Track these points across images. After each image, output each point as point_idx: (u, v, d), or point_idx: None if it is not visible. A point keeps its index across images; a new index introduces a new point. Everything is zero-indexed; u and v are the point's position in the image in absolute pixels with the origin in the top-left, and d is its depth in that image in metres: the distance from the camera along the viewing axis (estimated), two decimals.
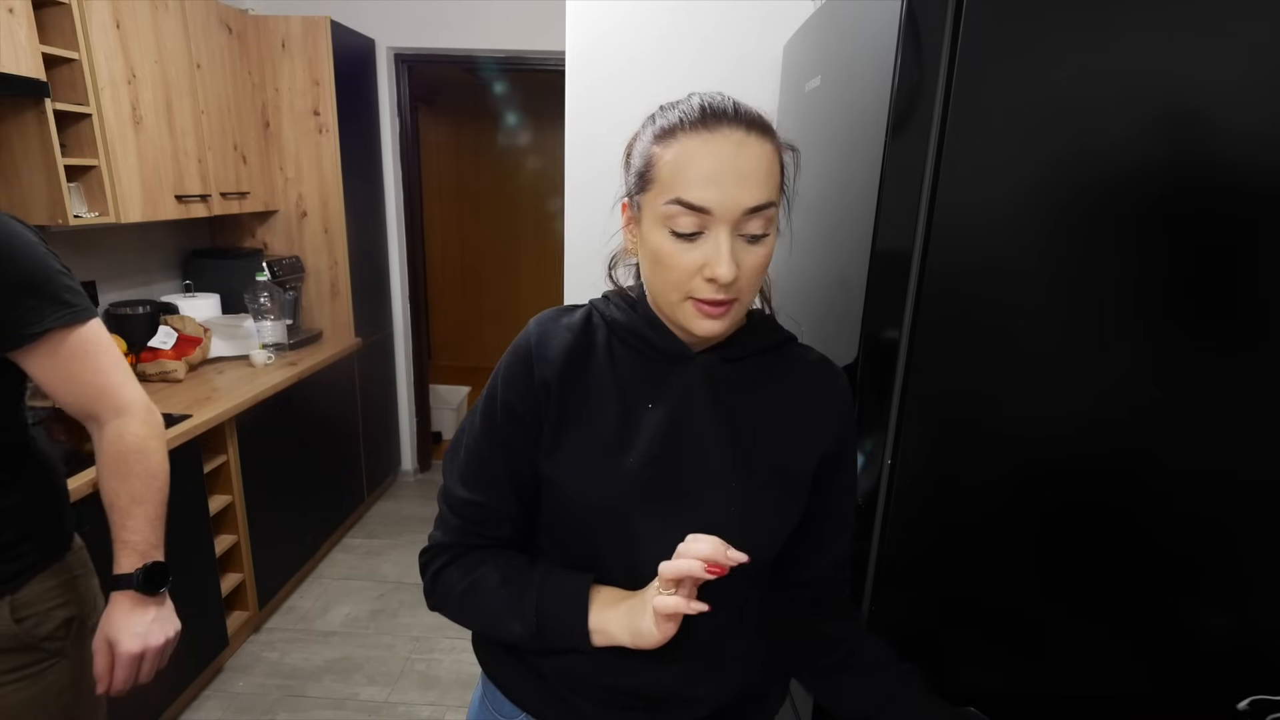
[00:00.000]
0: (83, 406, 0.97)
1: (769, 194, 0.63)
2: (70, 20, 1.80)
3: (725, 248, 0.62)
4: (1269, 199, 0.75)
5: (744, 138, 0.63)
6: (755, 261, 0.65)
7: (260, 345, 2.52)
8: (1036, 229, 0.77)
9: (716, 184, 0.62)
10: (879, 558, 0.88)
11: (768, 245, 0.66)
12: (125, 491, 0.97)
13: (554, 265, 4.91)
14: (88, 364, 0.95)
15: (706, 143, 0.63)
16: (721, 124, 0.63)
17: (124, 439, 0.97)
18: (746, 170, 0.62)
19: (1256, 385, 0.80)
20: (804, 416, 0.75)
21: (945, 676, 0.92)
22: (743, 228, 0.63)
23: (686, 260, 0.64)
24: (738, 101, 0.66)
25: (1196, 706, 0.91)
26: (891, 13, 0.77)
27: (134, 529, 0.97)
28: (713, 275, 0.63)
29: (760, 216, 0.63)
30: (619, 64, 1.69)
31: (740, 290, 0.65)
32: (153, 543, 0.98)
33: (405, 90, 3.17)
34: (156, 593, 0.98)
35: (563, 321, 0.75)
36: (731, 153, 0.62)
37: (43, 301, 0.90)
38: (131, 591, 0.96)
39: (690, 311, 0.66)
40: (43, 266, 0.91)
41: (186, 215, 2.28)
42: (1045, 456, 0.84)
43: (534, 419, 0.72)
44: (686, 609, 0.63)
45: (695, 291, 0.65)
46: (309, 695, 2.09)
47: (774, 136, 0.66)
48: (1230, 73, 0.73)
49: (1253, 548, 0.86)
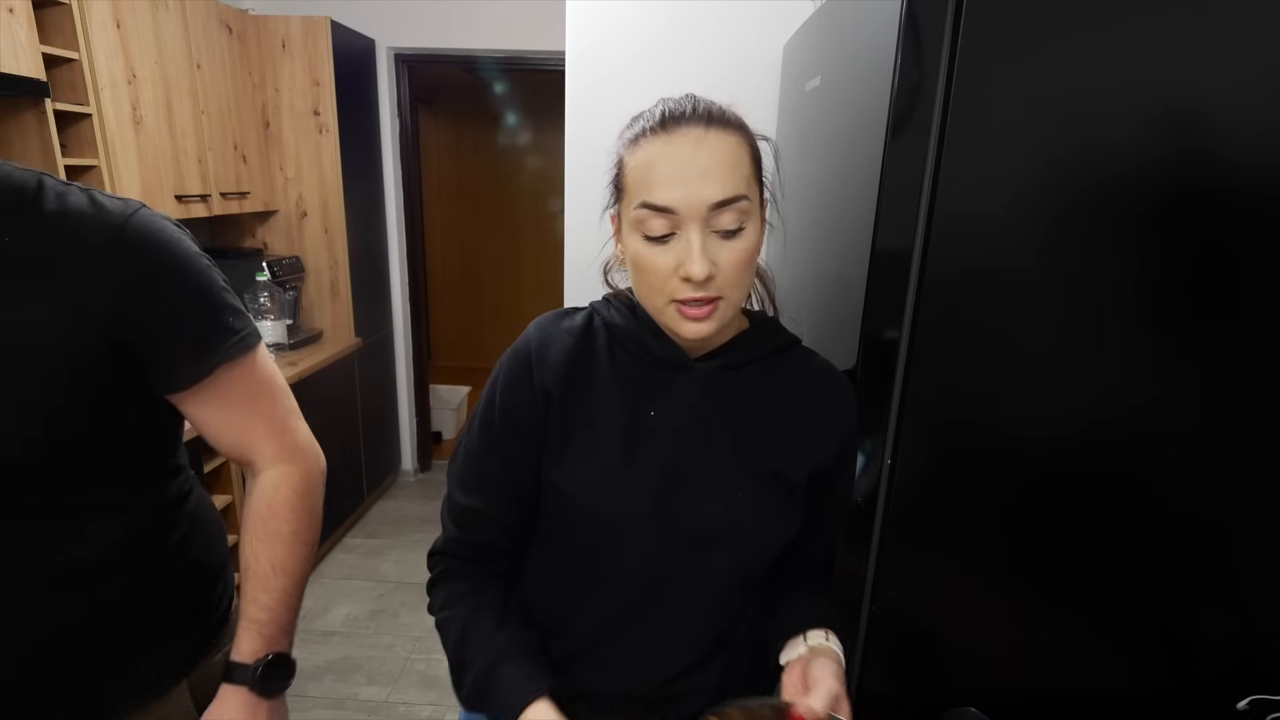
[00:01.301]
0: (243, 450, 0.80)
1: (735, 187, 0.62)
2: (70, 20, 1.80)
3: (696, 245, 0.61)
4: (1270, 199, 0.75)
5: (703, 134, 0.62)
6: (733, 257, 0.63)
7: None
8: (1036, 228, 0.77)
9: (678, 183, 0.61)
10: (879, 558, 0.88)
11: (747, 239, 0.64)
12: (267, 556, 0.80)
13: (554, 265, 4.91)
14: (256, 401, 0.79)
15: (666, 144, 0.63)
16: (680, 124, 0.63)
17: (280, 491, 0.80)
18: (707, 166, 0.62)
19: (1257, 385, 0.80)
20: (803, 427, 0.75)
21: (945, 676, 0.92)
22: (714, 224, 0.62)
23: (661, 263, 0.63)
24: (701, 100, 0.65)
25: (1196, 706, 0.91)
26: (891, 13, 0.77)
27: (266, 605, 0.79)
28: (686, 274, 0.62)
29: (730, 210, 0.62)
30: (619, 64, 1.69)
31: (724, 288, 0.64)
32: (284, 626, 0.81)
33: (405, 90, 3.17)
34: (273, 695, 0.80)
35: (563, 325, 0.74)
36: (690, 150, 0.62)
37: (209, 331, 0.74)
38: (245, 689, 0.77)
39: (674, 315, 0.66)
40: (209, 283, 0.75)
41: (186, 215, 2.28)
42: (1045, 456, 0.84)
43: (534, 427, 0.71)
44: None
45: (675, 293, 0.64)
46: (309, 695, 2.09)
47: (740, 130, 0.65)
48: (1232, 71, 0.72)
49: (1253, 548, 0.86)
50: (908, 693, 0.93)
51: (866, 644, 0.91)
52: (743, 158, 0.64)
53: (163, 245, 0.72)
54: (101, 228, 0.68)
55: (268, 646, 0.79)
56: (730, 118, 0.65)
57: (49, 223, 0.66)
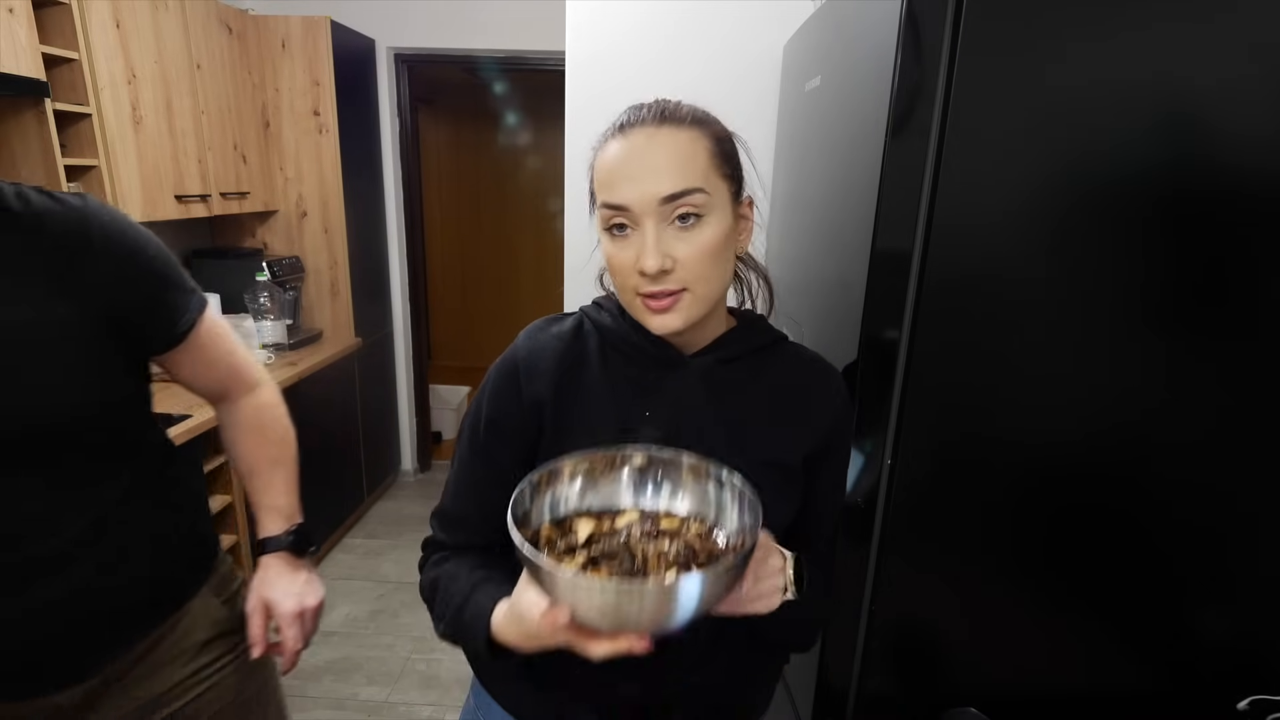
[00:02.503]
0: (218, 388, 0.96)
1: (687, 180, 0.63)
2: (70, 20, 1.80)
3: (649, 239, 0.63)
4: (1273, 201, 0.75)
5: (654, 131, 0.65)
6: (692, 250, 0.64)
7: (260, 345, 2.51)
8: (1035, 227, 0.77)
9: (629, 179, 0.64)
10: (879, 558, 0.88)
11: (706, 232, 0.65)
12: (265, 456, 0.98)
13: (554, 265, 4.91)
14: (221, 345, 0.93)
15: (621, 144, 0.66)
16: (634, 125, 0.66)
17: (261, 409, 0.98)
18: (657, 161, 0.64)
19: (1260, 392, 0.80)
20: (793, 411, 0.75)
21: (945, 676, 0.92)
22: (669, 217, 0.64)
23: (623, 259, 0.66)
24: (663, 101, 0.68)
25: (1196, 706, 0.91)
26: (891, 13, 0.77)
27: (277, 492, 0.98)
28: (640, 267, 0.64)
29: (683, 203, 0.63)
30: (619, 64, 1.69)
31: (686, 280, 0.65)
32: (295, 506, 1.00)
33: (405, 90, 3.17)
34: (305, 554, 0.99)
35: (552, 330, 0.75)
36: (642, 146, 0.64)
37: (180, 293, 0.85)
38: (283, 553, 0.96)
39: (641, 309, 0.67)
40: (167, 255, 0.85)
41: (186, 215, 2.28)
42: (1046, 457, 0.84)
43: (523, 436, 0.72)
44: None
45: (639, 287, 0.66)
46: (309, 695, 2.09)
47: (697, 125, 0.66)
48: (1235, 71, 0.72)
49: (1253, 550, 0.86)
50: (908, 693, 0.93)
51: (866, 644, 0.92)
52: (698, 152, 0.65)
53: (124, 228, 0.80)
54: (70, 220, 0.76)
55: (288, 522, 0.98)
56: (684, 114, 0.66)
57: (26, 225, 0.73)
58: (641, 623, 0.52)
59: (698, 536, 0.63)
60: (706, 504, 0.66)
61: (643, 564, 0.58)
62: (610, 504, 0.67)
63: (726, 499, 0.65)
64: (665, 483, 0.67)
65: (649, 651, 0.55)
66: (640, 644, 0.55)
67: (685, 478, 0.67)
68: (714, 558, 0.60)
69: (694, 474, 0.66)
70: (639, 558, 0.58)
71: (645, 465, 0.67)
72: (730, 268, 0.70)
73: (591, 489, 0.66)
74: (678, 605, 0.51)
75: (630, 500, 0.67)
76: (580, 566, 0.58)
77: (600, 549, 0.60)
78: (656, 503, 0.67)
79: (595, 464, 0.66)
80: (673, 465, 0.67)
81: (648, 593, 0.50)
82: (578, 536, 0.62)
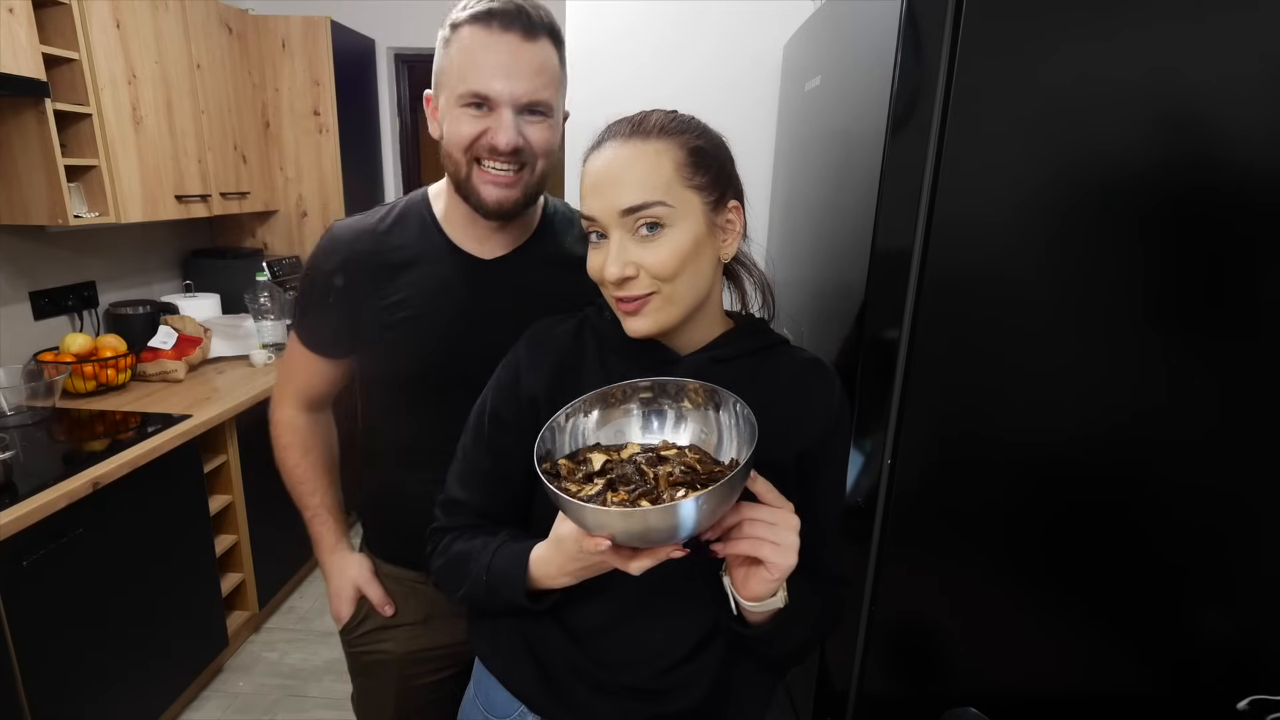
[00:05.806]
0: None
1: (647, 194, 0.66)
2: (70, 20, 1.80)
3: (612, 248, 0.68)
4: (1273, 200, 0.75)
5: (621, 145, 0.68)
6: (656, 258, 0.67)
7: (260, 345, 2.51)
8: (1035, 228, 0.77)
9: (596, 192, 0.69)
10: (879, 558, 0.88)
11: (669, 241, 0.67)
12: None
13: None
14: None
15: (594, 158, 0.71)
16: (607, 140, 0.70)
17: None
18: (618, 175, 0.67)
19: (1260, 392, 0.80)
20: (790, 411, 0.75)
21: (945, 676, 0.92)
22: (633, 227, 0.67)
23: (595, 265, 0.70)
24: (637, 114, 0.71)
25: (1196, 706, 0.91)
26: (891, 13, 0.77)
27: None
28: (604, 275, 0.68)
29: (643, 215, 0.66)
30: (619, 64, 1.69)
31: (655, 284, 0.68)
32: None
33: (405, 90, 3.17)
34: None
35: (556, 330, 0.78)
36: (609, 160, 0.69)
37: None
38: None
39: (618, 311, 0.71)
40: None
41: (186, 215, 2.28)
42: (1046, 457, 0.84)
43: (522, 430, 0.74)
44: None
45: (612, 292, 0.70)
46: (309, 695, 2.09)
47: (665, 137, 0.68)
48: (1235, 70, 0.72)
49: (1253, 550, 0.86)
50: (908, 693, 0.93)
51: (866, 644, 0.92)
52: (661, 165, 0.67)
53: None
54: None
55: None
56: (652, 127, 0.69)
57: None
58: (666, 537, 0.59)
59: (697, 460, 0.67)
60: (709, 428, 0.70)
61: (654, 483, 0.63)
62: (616, 440, 0.72)
63: (724, 421, 0.70)
64: (669, 413, 0.72)
65: (686, 555, 0.61)
66: (677, 551, 0.61)
67: (687, 406, 0.71)
68: (714, 476, 0.64)
69: (694, 400, 0.71)
70: (650, 477, 0.63)
71: (651, 396, 0.71)
72: (708, 272, 0.71)
73: (603, 424, 0.72)
74: (697, 516, 0.57)
75: (637, 436, 0.73)
76: (600, 490, 0.64)
77: (615, 474, 0.65)
78: (660, 436, 0.72)
79: (609, 396, 0.71)
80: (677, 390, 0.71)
81: (669, 510, 0.57)
82: (593, 465, 0.67)
